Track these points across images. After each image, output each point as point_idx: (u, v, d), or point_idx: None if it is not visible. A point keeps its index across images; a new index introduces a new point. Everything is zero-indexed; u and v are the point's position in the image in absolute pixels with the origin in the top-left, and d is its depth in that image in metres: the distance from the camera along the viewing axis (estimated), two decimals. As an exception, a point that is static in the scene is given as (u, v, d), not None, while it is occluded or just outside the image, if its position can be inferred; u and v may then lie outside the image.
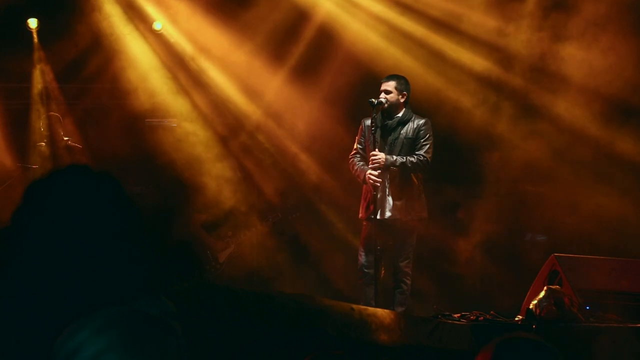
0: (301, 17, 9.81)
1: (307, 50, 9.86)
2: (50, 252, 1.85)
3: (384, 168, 7.28)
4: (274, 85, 9.99)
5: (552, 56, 8.86)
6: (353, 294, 7.89)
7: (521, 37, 8.97)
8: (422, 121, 7.42)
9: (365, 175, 7.33)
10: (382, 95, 7.40)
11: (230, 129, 10.11)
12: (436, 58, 9.38)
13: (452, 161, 9.18)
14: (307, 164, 9.88)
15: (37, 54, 10.13)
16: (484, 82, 9.19)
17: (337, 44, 9.70)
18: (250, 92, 10.10)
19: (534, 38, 8.94)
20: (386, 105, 7.38)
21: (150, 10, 10.11)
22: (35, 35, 10.08)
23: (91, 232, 1.89)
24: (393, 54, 9.43)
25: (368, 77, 8.98)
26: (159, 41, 10.19)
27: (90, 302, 1.80)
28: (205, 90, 10.18)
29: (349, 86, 9.45)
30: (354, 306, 6.04)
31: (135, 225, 1.98)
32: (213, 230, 9.40)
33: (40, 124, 9.26)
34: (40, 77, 10.13)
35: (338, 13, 9.72)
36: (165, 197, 9.65)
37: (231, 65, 10.02)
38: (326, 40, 9.74)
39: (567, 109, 8.85)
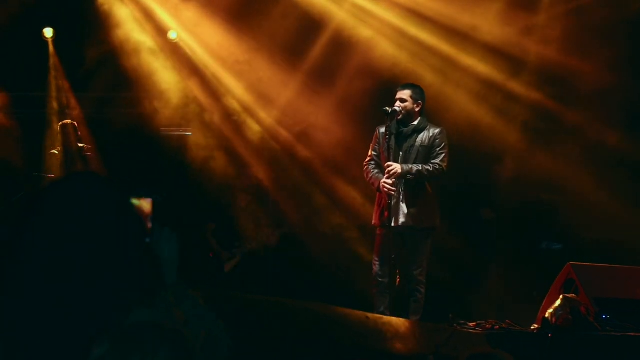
0: (315, 25, 9.81)
1: (322, 58, 9.85)
2: (54, 257, 1.85)
3: (400, 177, 7.26)
4: (288, 94, 9.98)
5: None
6: (367, 302, 7.85)
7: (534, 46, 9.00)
8: (437, 130, 7.39)
9: (379, 183, 7.32)
10: (397, 103, 7.38)
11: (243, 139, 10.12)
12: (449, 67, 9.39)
13: (467, 169, 9.15)
14: (320, 171, 9.88)
15: (53, 64, 10.19)
16: (498, 90, 9.19)
17: (350, 52, 9.69)
18: (266, 101, 10.11)
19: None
20: (401, 114, 7.35)
21: (165, 19, 10.14)
22: (51, 45, 10.15)
23: (94, 239, 1.88)
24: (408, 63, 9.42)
25: (383, 86, 8.96)
26: (174, 51, 10.22)
27: (92, 309, 1.80)
28: (221, 99, 10.20)
29: (364, 94, 9.42)
30: (369, 315, 6.02)
31: (139, 234, 1.98)
32: (222, 240, 9.39)
33: (55, 132, 9.30)
34: (55, 86, 10.18)
35: (352, 21, 9.71)
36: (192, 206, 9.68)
37: (246, 75, 10.03)
38: (340, 49, 9.73)
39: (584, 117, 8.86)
